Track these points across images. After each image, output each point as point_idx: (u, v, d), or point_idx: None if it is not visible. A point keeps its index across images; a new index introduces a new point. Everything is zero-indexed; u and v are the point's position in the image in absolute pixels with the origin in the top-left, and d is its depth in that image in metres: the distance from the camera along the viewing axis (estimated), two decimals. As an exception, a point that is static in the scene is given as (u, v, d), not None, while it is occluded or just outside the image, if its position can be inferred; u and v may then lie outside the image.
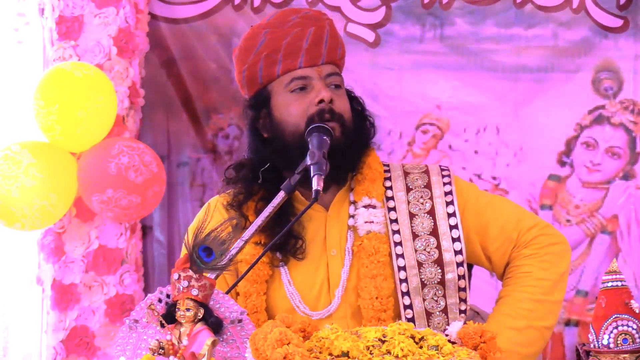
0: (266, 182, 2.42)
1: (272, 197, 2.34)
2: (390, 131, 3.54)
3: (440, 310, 2.37)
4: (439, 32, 3.55)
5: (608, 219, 3.54)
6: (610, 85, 3.53)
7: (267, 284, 2.40)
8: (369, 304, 2.34)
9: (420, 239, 2.39)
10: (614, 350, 1.98)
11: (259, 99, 2.46)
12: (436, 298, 2.37)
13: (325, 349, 1.83)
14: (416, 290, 2.36)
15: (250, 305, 2.37)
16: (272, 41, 2.42)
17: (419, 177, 2.47)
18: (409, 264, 2.37)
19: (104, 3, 3.39)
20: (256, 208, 2.42)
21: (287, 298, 2.39)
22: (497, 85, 3.55)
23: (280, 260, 2.40)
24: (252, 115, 2.47)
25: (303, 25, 2.43)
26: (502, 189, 3.56)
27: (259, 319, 2.36)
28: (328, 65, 2.44)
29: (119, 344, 1.98)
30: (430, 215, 2.41)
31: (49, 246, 3.37)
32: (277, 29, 2.43)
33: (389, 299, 2.34)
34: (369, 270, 2.35)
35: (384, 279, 2.34)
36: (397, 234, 2.40)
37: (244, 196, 2.45)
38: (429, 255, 2.37)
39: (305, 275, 2.40)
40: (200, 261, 1.89)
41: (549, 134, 3.56)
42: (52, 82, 3.24)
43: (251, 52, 2.44)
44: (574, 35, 3.53)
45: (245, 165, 2.48)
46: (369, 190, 2.43)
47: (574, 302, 3.52)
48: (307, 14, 2.47)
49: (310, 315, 2.36)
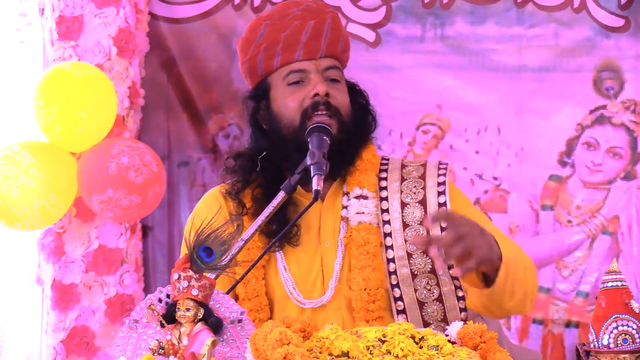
0: (264, 170, 2.44)
1: (268, 184, 2.38)
2: (391, 131, 3.53)
3: (435, 299, 2.37)
4: (439, 31, 3.55)
5: (609, 220, 3.53)
6: (611, 85, 3.53)
7: (264, 269, 2.41)
8: (358, 295, 2.34)
9: (411, 228, 2.39)
10: (614, 350, 1.97)
11: (259, 91, 2.48)
12: (429, 287, 2.37)
13: (325, 349, 1.84)
14: (406, 281, 2.36)
15: (250, 290, 2.38)
16: (272, 33, 2.43)
17: (414, 169, 2.47)
18: (398, 255, 2.37)
19: (104, 3, 3.39)
20: (253, 195, 2.44)
21: (282, 284, 2.39)
22: (498, 85, 3.54)
23: (277, 246, 2.41)
24: (253, 106, 2.48)
25: (303, 18, 2.44)
26: (503, 189, 3.56)
27: (260, 302, 2.38)
28: (327, 59, 2.44)
29: (119, 344, 1.98)
30: (422, 205, 2.41)
31: (49, 246, 3.37)
32: (277, 21, 2.44)
33: (378, 290, 2.35)
34: (358, 262, 2.36)
35: (372, 269, 2.35)
36: (388, 224, 2.40)
37: (241, 184, 2.46)
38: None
39: (301, 264, 2.41)
40: (201, 261, 1.89)
41: (550, 134, 3.55)
42: (52, 82, 3.24)
43: (252, 44, 2.46)
44: (575, 35, 3.52)
45: (244, 155, 2.50)
46: (360, 181, 2.44)
47: (575, 303, 3.51)
48: (308, 6, 2.48)
49: (303, 303, 2.38)
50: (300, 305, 2.38)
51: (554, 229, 3.54)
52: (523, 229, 3.54)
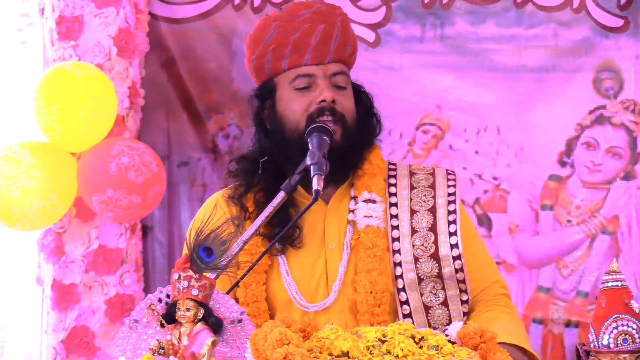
0: (266, 173, 2.44)
1: (271, 188, 2.38)
2: (391, 131, 3.53)
3: (440, 303, 2.37)
4: (439, 32, 3.55)
5: (609, 220, 3.53)
6: (611, 85, 3.53)
7: (266, 274, 2.41)
8: (364, 298, 2.34)
9: (419, 234, 2.40)
10: (614, 350, 1.98)
11: (265, 90, 2.48)
12: (435, 291, 2.38)
13: (325, 349, 1.84)
14: (412, 286, 2.36)
15: (250, 295, 2.37)
16: (281, 35, 2.43)
17: (424, 178, 2.48)
18: (405, 259, 2.38)
19: (104, 3, 3.39)
20: (255, 198, 2.44)
21: (284, 289, 2.39)
22: (498, 85, 3.54)
23: (279, 250, 2.41)
24: (258, 105, 2.48)
25: (313, 21, 2.43)
26: (503, 189, 3.55)
27: (259, 308, 2.37)
28: (335, 64, 2.44)
29: (119, 344, 1.98)
30: (431, 213, 2.42)
31: (49, 246, 3.37)
32: (287, 23, 2.44)
33: (383, 293, 2.34)
34: (364, 265, 2.36)
35: (379, 273, 2.35)
36: (396, 229, 2.40)
37: (244, 188, 2.46)
38: (425, 250, 2.38)
39: (304, 267, 2.41)
40: (201, 261, 1.90)
41: (550, 134, 3.55)
42: (52, 82, 3.23)
43: (260, 43, 2.45)
44: (574, 35, 3.52)
45: (247, 158, 2.50)
46: (369, 185, 2.44)
47: (574, 303, 3.51)
48: (319, 9, 2.47)
49: (307, 307, 2.37)
50: (303, 309, 2.37)
51: (554, 228, 3.54)
52: (523, 229, 3.54)
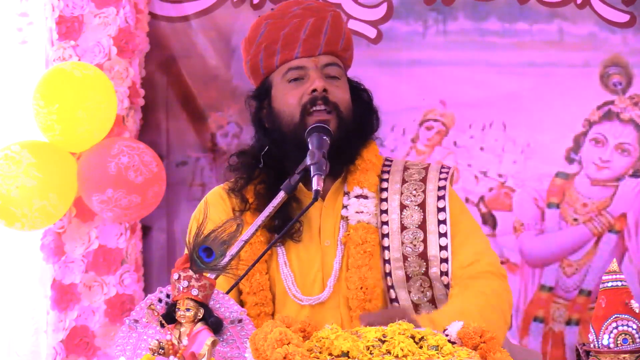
0: (266, 166, 2.47)
1: (271, 180, 2.40)
2: (394, 127, 3.51)
3: (428, 301, 2.39)
4: (441, 27, 3.53)
5: (616, 218, 3.50)
6: (619, 80, 3.50)
7: (267, 264, 2.43)
8: (354, 294, 2.36)
9: (409, 231, 2.41)
10: (614, 350, 1.98)
11: (261, 90, 2.52)
12: (422, 289, 2.40)
13: (325, 349, 1.84)
14: (400, 284, 2.38)
15: (255, 284, 2.40)
16: (271, 32, 2.46)
17: (416, 172, 2.49)
18: (394, 257, 2.39)
19: (104, 3, 3.40)
20: (255, 190, 2.46)
21: (281, 280, 2.41)
22: (503, 80, 3.52)
23: (279, 241, 2.43)
24: (255, 105, 2.51)
25: (302, 16, 2.46)
26: (509, 186, 3.53)
27: (266, 297, 2.41)
28: (326, 56, 2.47)
29: (119, 344, 1.99)
30: (421, 208, 2.43)
31: (49, 246, 3.38)
32: (277, 20, 2.47)
33: (374, 289, 2.36)
34: (355, 261, 2.38)
35: (369, 269, 2.37)
36: (386, 225, 2.40)
37: (244, 181, 2.49)
38: (414, 248, 2.39)
39: (302, 260, 2.43)
40: (201, 261, 1.90)
41: (557, 130, 3.52)
42: (52, 82, 3.24)
43: (253, 43, 2.50)
44: (580, 30, 3.49)
45: (247, 153, 2.54)
46: (361, 181, 2.46)
47: (576, 301, 3.48)
48: (309, 5, 2.51)
49: (301, 299, 2.40)
50: (297, 302, 2.38)
51: (560, 227, 3.51)
52: (528, 228, 3.51)
